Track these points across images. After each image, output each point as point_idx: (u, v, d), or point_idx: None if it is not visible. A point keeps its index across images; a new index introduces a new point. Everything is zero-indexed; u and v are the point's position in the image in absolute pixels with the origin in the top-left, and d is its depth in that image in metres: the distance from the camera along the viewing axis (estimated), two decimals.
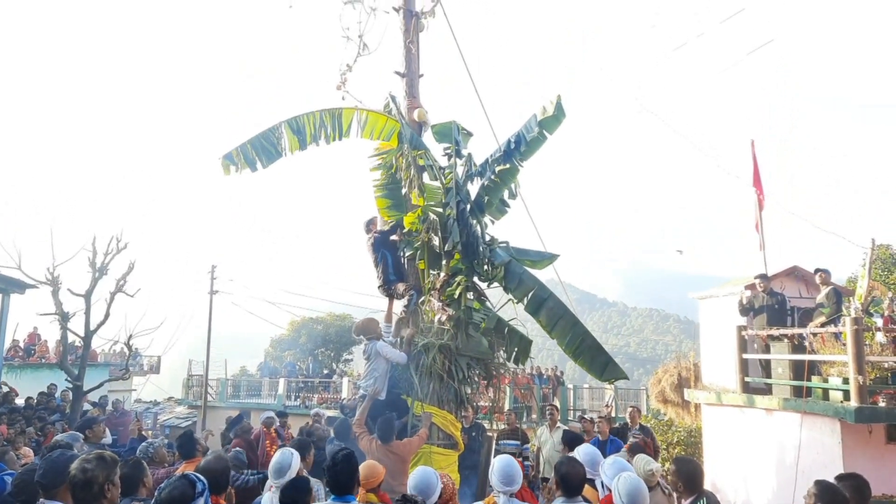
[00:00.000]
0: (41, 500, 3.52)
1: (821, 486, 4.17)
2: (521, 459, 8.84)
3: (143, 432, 11.18)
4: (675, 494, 4.58)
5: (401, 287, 8.39)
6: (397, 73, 9.19)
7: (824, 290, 9.73)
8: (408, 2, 9.36)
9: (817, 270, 10.11)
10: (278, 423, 10.25)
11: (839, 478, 4.30)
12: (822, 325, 9.14)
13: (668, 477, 4.21)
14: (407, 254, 8.66)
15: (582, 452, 4.72)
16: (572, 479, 4.05)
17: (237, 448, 7.70)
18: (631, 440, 9.00)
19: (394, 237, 8.66)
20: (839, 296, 9.60)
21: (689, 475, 4.30)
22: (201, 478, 3.13)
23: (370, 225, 8.78)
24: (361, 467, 4.41)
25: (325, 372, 33.21)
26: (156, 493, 3.20)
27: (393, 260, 8.50)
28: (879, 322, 8.86)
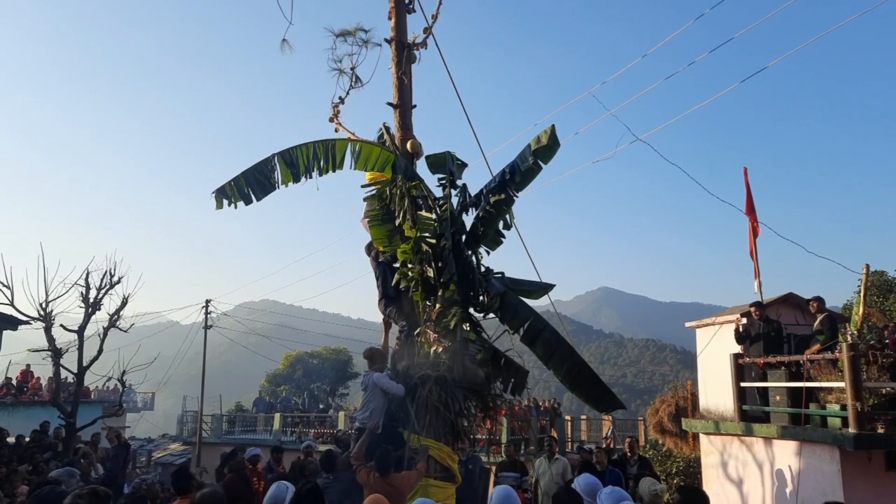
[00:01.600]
0: None
1: None
2: (520, 491, 8.74)
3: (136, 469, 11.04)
4: None
5: (394, 313, 8.40)
6: (390, 104, 9.26)
7: (819, 318, 9.73)
8: (400, 33, 9.47)
9: (810, 300, 10.13)
10: (265, 460, 10.11)
11: None
12: (818, 351, 9.12)
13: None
14: (401, 286, 8.64)
15: (581, 482, 4.67)
16: None
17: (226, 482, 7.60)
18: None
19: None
20: (834, 322, 9.60)
21: None
22: None
23: (370, 246, 8.86)
24: (367, 502, 4.38)
25: (321, 406, 32.93)
26: None
27: (392, 275, 8.52)
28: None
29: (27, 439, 13.14)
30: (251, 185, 7.70)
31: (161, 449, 31.50)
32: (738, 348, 10.50)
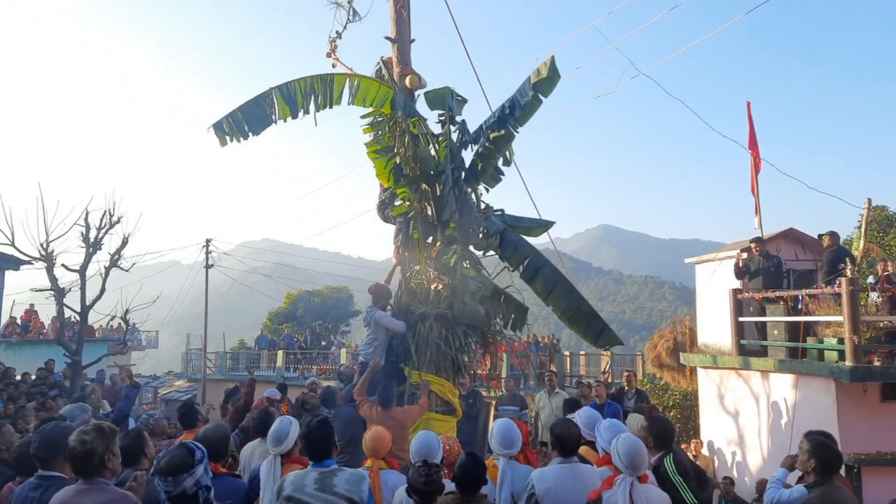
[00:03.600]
0: (39, 471, 3.52)
1: (813, 441, 4.21)
2: (521, 422, 8.90)
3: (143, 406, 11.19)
4: None
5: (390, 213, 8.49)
6: (388, 38, 9.04)
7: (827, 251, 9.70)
8: None
9: (823, 234, 9.99)
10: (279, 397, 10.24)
11: (810, 434, 4.32)
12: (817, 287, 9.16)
13: (640, 433, 4.25)
14: (400, 222, 8.63)
15: (582, 415, 4.75)
16: (567, 439, 4.13)
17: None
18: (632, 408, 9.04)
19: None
20: (836, 256, 9.54)
21: (658, 432, 4.35)
22: (200, 446, 3.12)
23: (384, 207, 8.89)
24: (367, 437, 4.44)
25: (323, 343, 33.31)
26: (154, 462, 3.20)
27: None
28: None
29: (33, 377, 13.32)
30: (248, 119, 7.59)
31: (166, 386, 32.00)
32: (737, 284, 10.54)
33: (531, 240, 8.97)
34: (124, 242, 15.18)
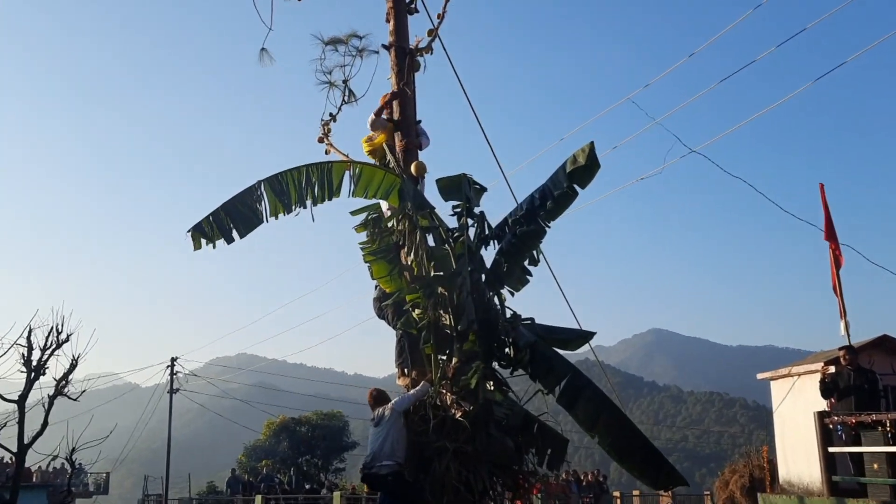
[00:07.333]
0: None
1: None
2: None
3: None
4: None
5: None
6: (390, 120, 9.39)
7: None
8: (400, 38, 9.62)
9: None
10: None
11: None
12: None
13: None
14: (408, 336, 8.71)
15: None
16: None
17: None
18: None
19: None
20: None
21: None
22: None
23: (382, 304, 9.03)
24: None
25: (308, 487, 32.75)
26: None
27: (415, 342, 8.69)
28: None
29: None
30: (233, 219, 7.80)
31: None
32: (823, 404, 10.42)
33: (568, 353, 8.97)
34: (73, 365, 15.25)
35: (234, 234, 7.83)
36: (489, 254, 8.89)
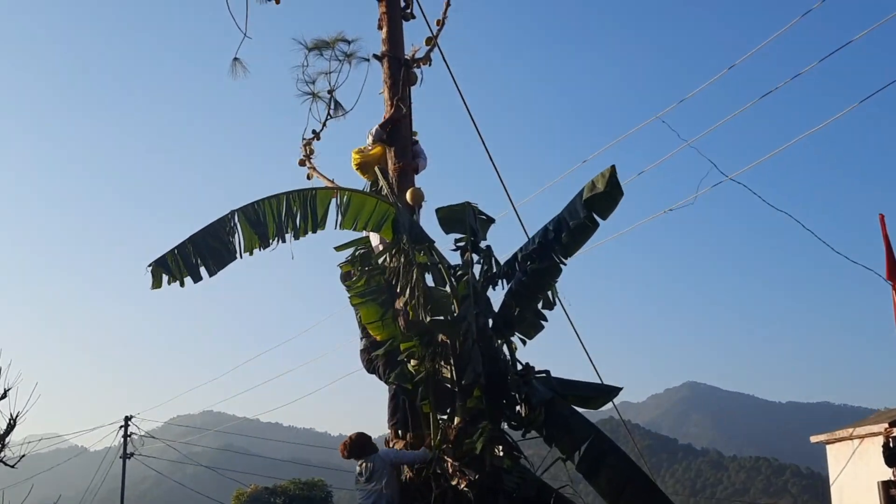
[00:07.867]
0: None
1: None
2: None
3: None
4: None
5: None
6: (383, 140, 9.43)
7: None
8: (394, 47, 9.69)
9: None
10: None
11: None
12: None
13: None
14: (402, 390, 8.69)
15: None
16: None
17: None
18: None
19: None
20: None
21: None
22: None
23: (369, 353, 9.06)
24: None
25: None
26: None
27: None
28: None
29: None
30: (202, 253, 7.82)
31: None
32: (889, 472, 10.38)
33: (590, 412, 8.95)
34: (11, 425, 15.17)
35: (203, 270, 7.83)
36: (497, 295, 8.90)
